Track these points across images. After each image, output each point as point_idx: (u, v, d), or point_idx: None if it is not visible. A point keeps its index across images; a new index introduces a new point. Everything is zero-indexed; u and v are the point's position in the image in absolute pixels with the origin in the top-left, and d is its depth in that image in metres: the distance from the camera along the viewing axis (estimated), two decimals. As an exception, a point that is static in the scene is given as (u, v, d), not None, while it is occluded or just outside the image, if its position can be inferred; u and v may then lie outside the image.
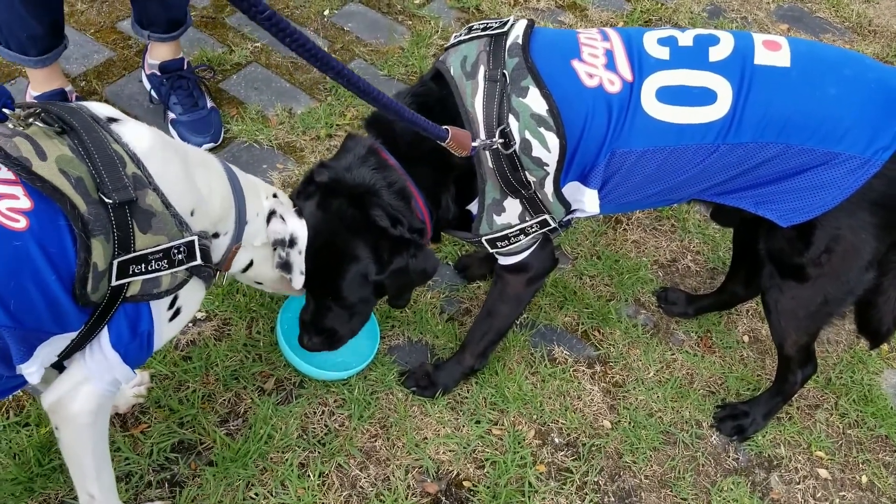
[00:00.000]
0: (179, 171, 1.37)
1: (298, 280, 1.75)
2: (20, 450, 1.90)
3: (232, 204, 1.53)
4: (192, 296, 1.50)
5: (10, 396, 2.00)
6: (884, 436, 2.42)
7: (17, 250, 1.15)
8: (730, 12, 3.86)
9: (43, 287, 1.20)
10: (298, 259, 1.73)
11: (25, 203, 1.17)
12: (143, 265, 1.31)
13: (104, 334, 1.36)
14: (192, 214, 1.39)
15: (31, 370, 1.30)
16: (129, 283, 1.31)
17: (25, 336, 1.24)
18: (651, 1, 3.80)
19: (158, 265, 1.33)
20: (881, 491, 2.30)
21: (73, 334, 1.32)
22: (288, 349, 2.13)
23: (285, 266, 1.72)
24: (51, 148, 1.22)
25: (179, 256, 1.35)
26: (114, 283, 1.28)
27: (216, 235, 1.51)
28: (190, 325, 2.24)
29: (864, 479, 2.32)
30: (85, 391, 1.42)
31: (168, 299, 1.42)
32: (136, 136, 1.33)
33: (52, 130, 1.26)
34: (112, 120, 1.34)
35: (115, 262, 1.27)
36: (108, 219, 1.24)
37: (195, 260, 1.39)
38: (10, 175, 1.18)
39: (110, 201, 1.23)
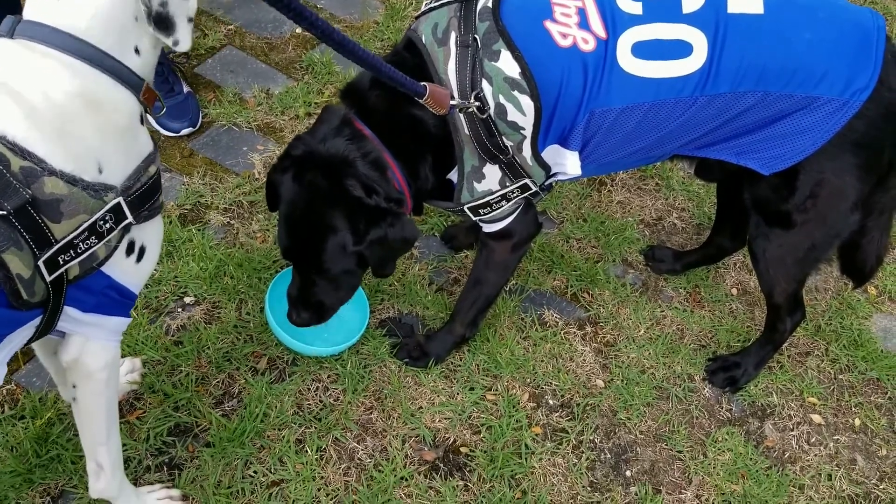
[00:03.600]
0: (69, 135, 1.25)
1: (186, 36, 1.34)
2: (17, 442, 1.90)
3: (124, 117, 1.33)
4: (150, 230, 1.44)
5: (4, 391, 2.01)
6: (875, 378, 2.45)
7: None
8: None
9: None
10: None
11: None
12: (71, 251, 1.27)
13: (70, 310, 1.36)
14: (100, 172, 1.28)
15: None
16: (66, 269, 1.28)
17: None
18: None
19: (87, 244, 1.29)
20: (874, 432, 2.33)
21: (35, 323, 1.31)
22: (278, 328, 2.14)
23: (163, 22, 1.30)
24: None
25: (107, 225, 1.31)
26: (49, 279, 1.25)
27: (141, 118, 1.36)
28: (179, 309, 2.24)
29: (858, 421, 2.35)
30: (94, 348, 1.45)
31: (120, 251, 1.38)
32: (8, 124, 1.19)
33: None
34: None
35: (41, 263, 1.23)
36: (12, 228, 1.18)
37: (126, 218, 1.33)
38: None
39: (4, 212, 1.16)
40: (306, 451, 2.02)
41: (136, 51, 1.33)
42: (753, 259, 2.08)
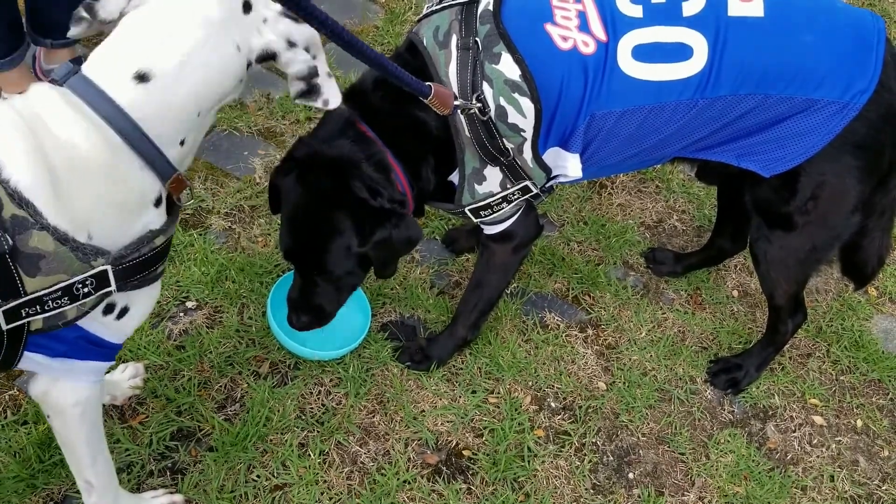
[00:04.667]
0: (74, 196, 1.22)
1: (334, 91, 1.40)
2: (20, 448, 1.90)
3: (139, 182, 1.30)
4: (140, 294, 1.40)
5: (7, 396, 2.00)
6: (876, 379, 2.45)
7: None
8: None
9: None
10: (323, 69, 1.38)
11: None
12: (37, 306, 1.23)
13: (32, 356, 1.33)
14: (89, 237, 1.24)
15: None
16: (28, 322, 1.25)
17: None
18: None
19: (58, 303, 1.25)
20: (876, 434, 2.34)
21: None
22: (280, 332, 2.14)
23: (311, 92, 1.38)
24: None
25: (85, 290, 1.26)
26: (4, 328, 1.23)
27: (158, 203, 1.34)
28: (181, 314, 2.24)
29: (859, 423, 2.35)
30: (62, 386, 1.42)
31: (96, 311, 1.34)
32: (18, 166, 1.16)
33: None
34: None
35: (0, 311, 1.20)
36: None
37: (108, 287, 1.29)
38: None
39: None
40: (309, 455, 2.02)
41: (182, 143, 1.32)
42: (755, 261, 2.08)
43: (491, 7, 1.77)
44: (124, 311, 1.40)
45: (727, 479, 2.15)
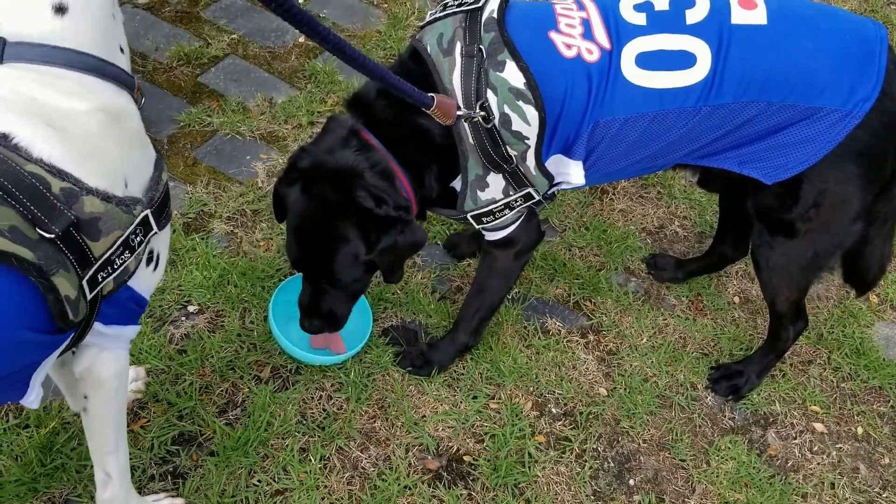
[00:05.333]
0: (97, 152, 1.25)
1: None
2: (22, 451, 1.90)
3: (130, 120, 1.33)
4: (163, 238, 1.45)
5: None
6: (877, 387, 2.45)
7: None
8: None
9: (20, 337, 1.19)
10: None
11: None
12: (108, 268, 1.27)
13: (96, 325, 1.36)
14: (126, 186, 1.29)
15: (31, 399, 1.32)
16: (102, 286, 1.29)
17: (19, 377, 1.25)
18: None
19: (122, 259, 1.29)
20: (877, 441, 2.34)
21: (66, 343, 1.32)
22: (282, 337, 2.14)
23: None
24: None
25: (138, 239, 1.31)
26: (89, 297, 1.26)
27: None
28: (183, 318, 2.24)
29: (860, 430, 2.35)
30: (107, 357, 1.46)
31: (142, 266, 1.39)
32: (44, 142, 1.18)
33: None
34: (3, 136, 1.16)
35: (84, 283, 1.24)
36: (59, 250, 1.18)
37: (152, 230, 1.34)
38: None
39: (52, 235, 1.16)
40: (310, 460, 2.02)
41: (121, 49, 1.34)
42: (756, 267, 2.08)
43: (495, 15, 1.78)
44: (157, 260, 1.44)
45: (728, 486, 2.15)
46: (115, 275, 1.30)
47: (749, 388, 2.34)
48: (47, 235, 1.16)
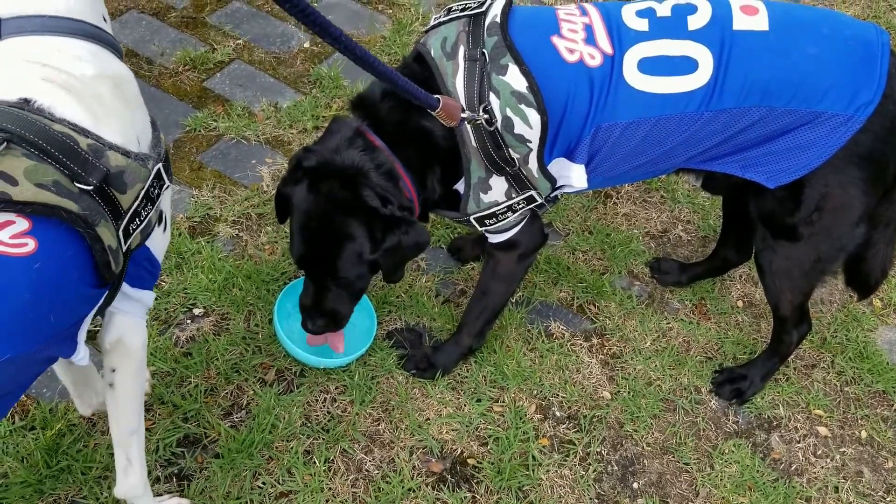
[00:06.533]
0: (110, 113, 1.31)
1: None
2: (27, 453, 1.92)
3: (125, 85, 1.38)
4: (166, 198, 1.50)
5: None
6: (881, 391, 2.45)
7: (38, 272, 1.16)
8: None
9: (73, 290, 1.24)
10: None
11: (24, 224, 1.16)
12: (136, 220, 1.33)
13: (123, 285, 1.41)
14: (139, 143, 1.35)
15: (80, 355, 1.36)
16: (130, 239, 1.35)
17: (69, 332, 1.29)
18: (629, -25, 3.81)
19: (146, 211, 1.35)
20: (881, 445, 2.34)
21: (101, 302, 1.36)
22: (287, 339, 2.15)
23: None
24: (14, 166, 1.16)
25: (156, 191, 1.37)
26: (124, 248, 1.32)
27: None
28: (189, 321, 2.26)
29: (864, 434, 2.35)
30: (133, 326, 1.51)
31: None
32: (63, 105, 1.24)
33: None
34: (26, 101, 1.22)
35: (119, 233, 1.29)
36: (96, 202, 1.24)
37: (165, 182, 1.39)
38: None
39: (91, 188, 1.22)
40: (314, 463, 2.03)
41: (105, 18, 1.39)
42: (760, 271, 2.09)
43: (498, 19, 1.79)
44: (166, 221, 1.50)
45: (732, 490, 2.15)
46: (142, 226, 1.35)
47: (753, 391, 2.34)
48: (85, 188, 1.21)
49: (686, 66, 1.76)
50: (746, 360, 2.42)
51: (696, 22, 1.77)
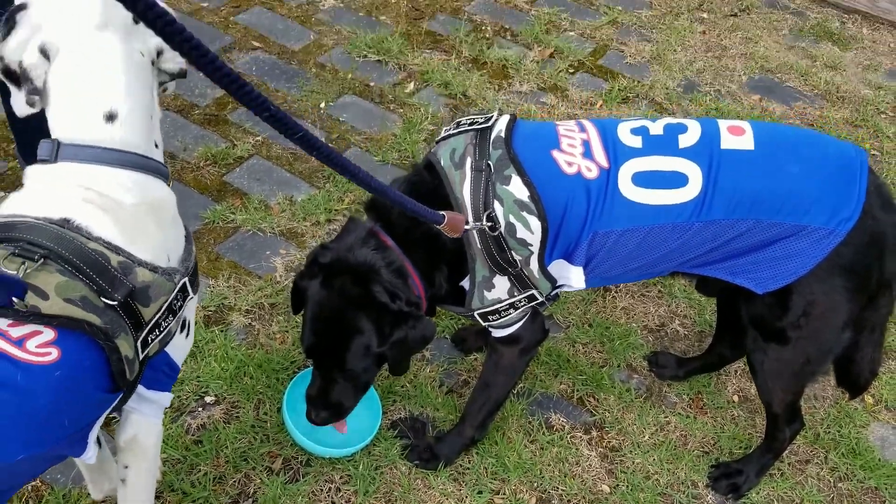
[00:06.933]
0: (143, 233, 1.42)
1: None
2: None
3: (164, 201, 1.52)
4: (191, 305, 1.59)
5: (29, 487, 2.08)
6: (873, 487, 2.49)
7: (58, 379, 1.26)
8: (703, 86, 4.07)
9: (88, 396, 1.33)
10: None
11: (50, 334, 1.27)
12: (156, 330, 1.43)
13: (139, 387, 1.50)
14: (168, 259, 1.47)
15: (89, 454, 1.43)
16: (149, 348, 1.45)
17: (81, 434, 1.38)
18: (628, 79, 4.02)
19: (167, 322, 1.45)
20: (876, 544, 2.37)
21: (114, 403, 1.45)
22: (294, 429, 2.22)
23: (167, 84, 1.60)
24: (47, 281, 1.27)
25: (178, 304, 1.47)
26: (141, 357, 1.41)
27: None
28: (200, 409, 2.33)
29: (859, 532, 2.38)
30: (148, 424, 1.59)
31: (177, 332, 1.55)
32: (100, 225, 1.36)
33: (35, 263, 1.28)
34: (66, 221, 1.34)
35: (138, 344, 1.39)
36: (119, 315, 1.34)
37: (189, 295, 1.50)
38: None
39: (115, 302, 1.33)
40: (319, 553, 2.07)
41: (156, 145, 1.53)
42: (752, 371, 2.17)
43: (503, 134, 1.94)
44: (189, 327, 1.60)
45: (728, 587, 2.17)
46: (161, 336, 1.45)
47: (748, 486, 2.39)
48: (110, 303, 1.32)
49: (677, 180, 1.89)
50: (742, 454, 2.48)
51: (686, 140, 1.91)
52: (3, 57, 1.43)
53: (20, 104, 1.45)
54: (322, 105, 3.53)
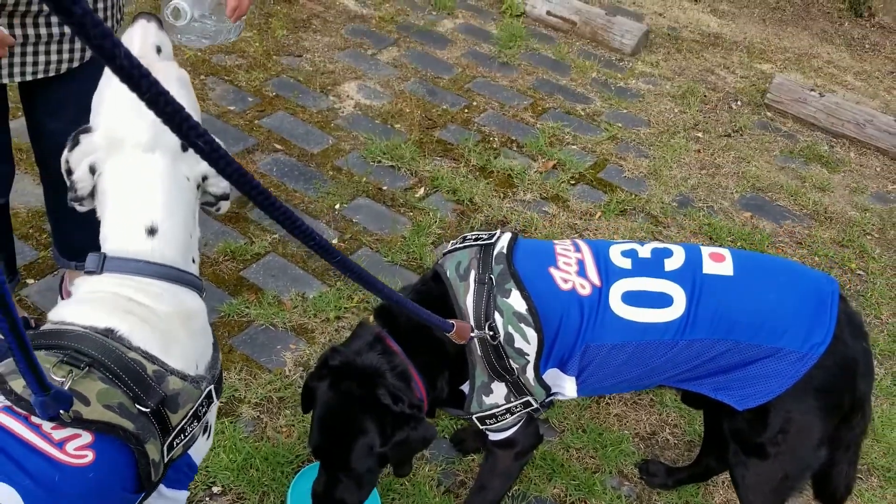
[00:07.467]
0: (175, 342, 1.55)
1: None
2: None
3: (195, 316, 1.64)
4: (213, 409, 1.70)
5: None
6: None
7: (91, 480, 1.38)
8: (697, 202, 4.30)
9: (115, 496, 1.45)
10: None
11: (88, 437, 1.39)
12: (181, 435, 1.55)
13: (161, 487, 1.61)
14: (197, 367, 1.58)
15: None
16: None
17: None
18: (626, 192, 4.25)
19: (192, 427, 1.56)
20: None
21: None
22: (297, 522, 2.32)
23: (215, 205, 1.76)
24: (90, 388, 1.38)
25: (203, 409, 1.59)
26: (166, 460, 1.53)
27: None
28: (207, 498, 2.43)
29: None
30: None
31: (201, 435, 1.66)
32: (139, 335, 1.49)
33: (81, 371, 1.39)
34: (110, 331, 1.47)
35: (164, 448, 1.51)
36: (150, 421, 1.46)
37: (213, 402, 1.62)
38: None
39: (148, 409, 1.45)
40: None
41: (193, 260, 1.68)
42: (734, 483, 2.27)
43: (504, 251, 2.11)
44: (209, 429, 1.71)
45: None
46: (185, 441, 1.57)
47: None
48: (144, 410, 1.44)
49: (663, 300, 2.06)
50: (728, 566, 2.54)
51: (671, 264, 2.09)
52: (68, 161, 1.64)
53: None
54: (337, 206, 3.74)
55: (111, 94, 1.64)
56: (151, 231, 1.58)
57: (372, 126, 4.37)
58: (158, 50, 1.75)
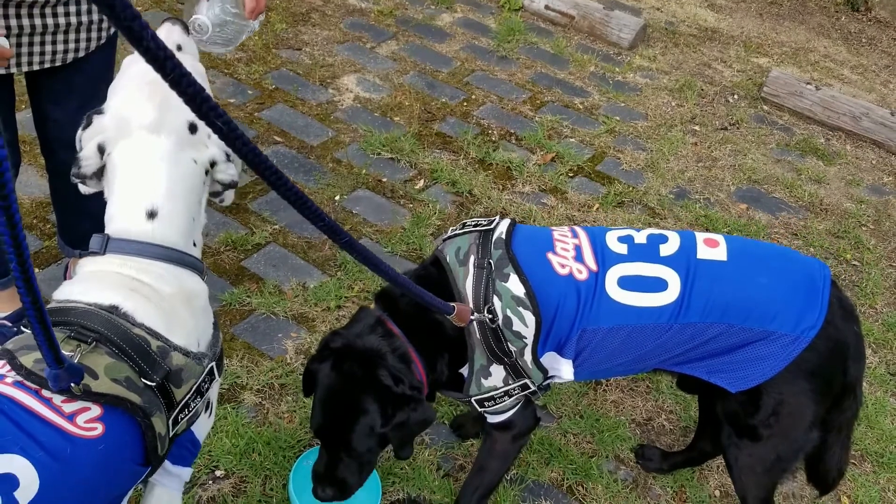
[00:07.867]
0: (178, 320, 1.58)
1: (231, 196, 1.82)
2: None
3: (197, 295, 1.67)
4: (215, 387, 1.73)
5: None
6: (850, 587, 2.59)
7: (100, 452, 1.41)
8: (694, 194, 4.34)
9: (123, 469, 1.49)
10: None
11: (97, 410, 1.42)
12: (186, 410, 1.59)
13: (165, 462, 1.65)
14: (199, 344, 1.61)
15: None
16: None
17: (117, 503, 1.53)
18: (623, 185, 4.29)
19: (195, 402, 1.60)
20: None
21: (143, 477, 1.59)
22: (298, 504, 2.36)
23: (221, 195, 1.79)
24: (98, 363, 1.41)
25: (206, 385, 1.63)
26: (171, 434, 1.57)
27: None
28: (210, 482, 2.47)
29: None
30: (172, 497, 1.73)
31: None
32: (143, 313, 1.52)
33: (88, 346, 1.42)
34: (114, 308, 1.51)
35: (170, 422, 1.55)
36: (156, 395, 1.50)
37: (215, 378, 1.66)
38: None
39: (154, 384, 1.48)
40: None
41: (194, 244, 1.72)
42: (728, 466, 2.32)
43: (503, 236, 2.15)
44: (211, 407, 1.75)
45: None
46: (189, 416, 1.61)
47: (728, 580, 2.49)
48: (149, 384, 1.48)
49: (658, 285, 2.10)
50: (723, 548, 2.59)
51: (666, 250, 2.13)
52: (80, 139, 1.68)
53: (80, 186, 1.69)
54: (337, 198, 3.78)
55: (127, 79, 1.68)
56: (152, 214, 1.62)
57: (371, 119, 4.41)
58: (179, 48, 1.79)
